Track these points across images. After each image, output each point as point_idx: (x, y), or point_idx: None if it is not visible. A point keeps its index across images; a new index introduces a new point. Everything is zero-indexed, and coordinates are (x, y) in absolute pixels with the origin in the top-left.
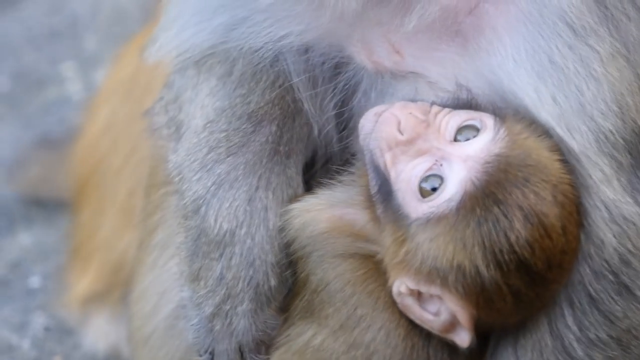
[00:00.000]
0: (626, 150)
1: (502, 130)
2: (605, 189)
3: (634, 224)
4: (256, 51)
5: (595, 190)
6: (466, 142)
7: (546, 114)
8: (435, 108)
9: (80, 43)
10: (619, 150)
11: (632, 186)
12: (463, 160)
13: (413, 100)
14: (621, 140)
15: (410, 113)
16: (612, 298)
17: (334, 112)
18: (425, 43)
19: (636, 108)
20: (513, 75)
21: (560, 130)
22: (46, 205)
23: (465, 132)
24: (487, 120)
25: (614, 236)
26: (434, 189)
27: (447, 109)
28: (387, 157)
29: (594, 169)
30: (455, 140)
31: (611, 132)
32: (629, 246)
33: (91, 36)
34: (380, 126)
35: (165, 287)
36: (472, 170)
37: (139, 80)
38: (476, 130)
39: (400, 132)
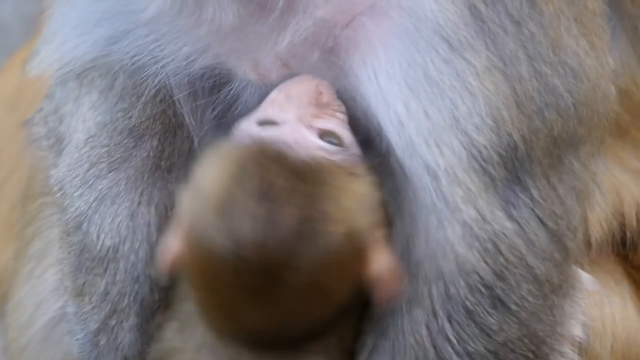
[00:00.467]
0: (501, 165)
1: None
2: (467, 207)
3: (507, 238)
4: (138, 65)
5: (454, 209)
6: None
7: (413, 130)
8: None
9: None
10: (493, 165)
11: (506, 201)
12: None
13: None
14: (495, 155)
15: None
16: (487, 311)
17: (214, 124)
18: (307, 56)
19: (512, 122)
20: (384, 90)
21: (425, 147)
22: None
23: (329, 137)
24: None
25: (479, 253)
26: None
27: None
28: None
29: (457, 187)
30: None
31: (485, 146)
32: (501, 260)
33: None
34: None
35: (41, 297)
36: None
37: (22, 94)
38: (338, 142)
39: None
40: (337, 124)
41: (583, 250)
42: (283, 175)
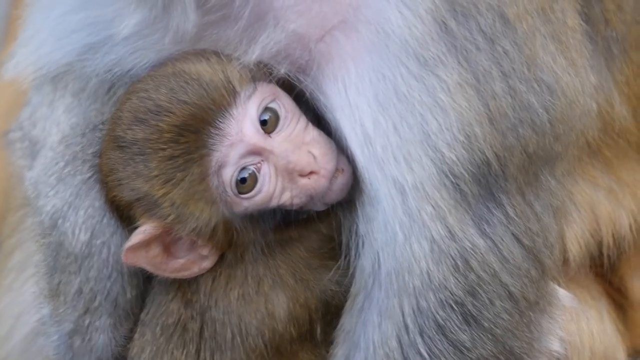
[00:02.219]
0: (473, 182)
1: None
2: (435, 224)
3: (479, 255)
4: (111, 69)
5: (421, 225)
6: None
7: (380, 144)
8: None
9: None
10: (465, 181)
11: (479, 217)
12: None
13: None
14: (467, 171)
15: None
16: (459, 327)
17: None
18: (277, 68)
19: (484, 138)
20: (353, 104)
21: (393, 162)
22: None
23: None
24: None
25: (449, 269)
26: None
27: None
28: None
29: (426, 203)
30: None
31: (456, 162)
32: (473, 277)
33: None
34: None
35: (21, 309)
36: None
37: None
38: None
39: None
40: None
41: (560, 266)
42: None
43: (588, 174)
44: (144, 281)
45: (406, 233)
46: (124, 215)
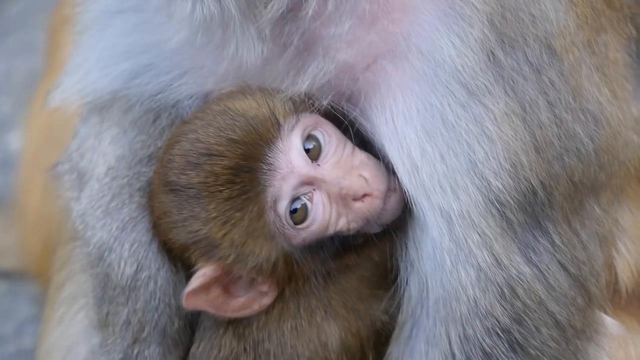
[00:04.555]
0: (519, 210)
1: None
2: (482, 252)
3: (525, 283)
4: (156, 97)
5: (468, 253)
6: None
7: (427, 173)
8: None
9: None
10: (511, 209)
11: (526, 245)
12: None
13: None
14: (513, 200)
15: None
16: (506, 355)
17: None
18: (326, 98)
19: (530, 167)
20: (400, 133)
21: (440, 190)
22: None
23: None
24: None
25: (495, 297)
26: None
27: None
28: None
29: (472, 231)
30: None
31: (502, 191)
32: (519, 305)
33: (5, 99)
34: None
35: (72, 341)
36: None
37: (54, 128)
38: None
39: None
40: None
41: (606, 294)
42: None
43: None
44: (192, 311)
45: (453, 260)
46: (178, 256)
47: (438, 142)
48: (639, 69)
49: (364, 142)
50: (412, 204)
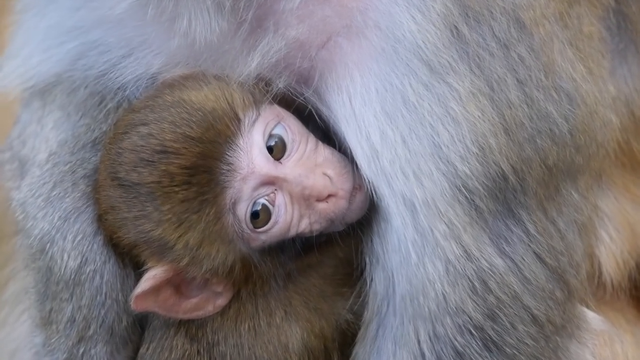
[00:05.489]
0: (489, 197)
1: None
2: (450, 243)
3: (498, 276)
4: (102, 79)
5: (434, 245)
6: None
7: (388, 158)
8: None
9: None
10: (480, 197)
11: (497, 235)
12: None
13: None
14: (482, 186)
15: None
16: (480, 354)
17: None
18: (277, 78)
19: (500, 150)
20: (359, 115)
21: (402, 177)
22: None
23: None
24: None
25: (465, 291)
26: None
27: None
28: None
29: (438, 221)
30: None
31: (470, 176)
32: (492, 300)
33: None
34: None
35: (16, 345)
36: None
37: None
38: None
39: None
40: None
41: (587, 287)
42: None
43: (629, 191)
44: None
45: (419, 253)
46: (126, 253)
47: (399, 124)
48: (619, 43)
49: (327, 136)
50: (372, 192)
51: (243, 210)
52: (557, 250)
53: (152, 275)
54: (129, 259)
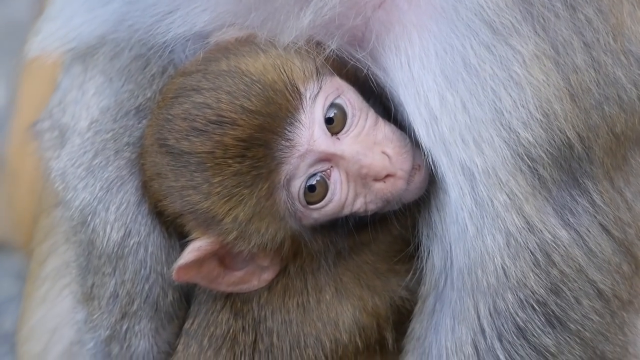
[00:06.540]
0: (553, 166)
1: None
2: (511, 214)
3: (561, 249)
4: (147, 40)
5: (494, 216)
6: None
7: (447, 125)
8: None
9: None
10: (544, 166)
11: (562, 206)
12: None
13: None
14: (545, 154)
15: None
16: (542, 330)
17: None
18: (331, 38)
19: (565, 117)
20: (417, 79)
21: (461, 144)
22: None
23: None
24: None
25: (527, 264)
26: None
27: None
28: None
29: (499, 191)
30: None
31: (533, 144)
32: (555, 273)
33: None
34: None
35: (57, 323)
36: None
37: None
38: None
39: None
40: None
41: None
42: None
43: None
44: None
45: (478, 225)
46: (170, 222)
47: (459, 89)
48: None
49: (387, 111)
50: (430, 161)
51: (297, 187)
52: (624, 222)
53: (197, 247)
54: (174, 228)
